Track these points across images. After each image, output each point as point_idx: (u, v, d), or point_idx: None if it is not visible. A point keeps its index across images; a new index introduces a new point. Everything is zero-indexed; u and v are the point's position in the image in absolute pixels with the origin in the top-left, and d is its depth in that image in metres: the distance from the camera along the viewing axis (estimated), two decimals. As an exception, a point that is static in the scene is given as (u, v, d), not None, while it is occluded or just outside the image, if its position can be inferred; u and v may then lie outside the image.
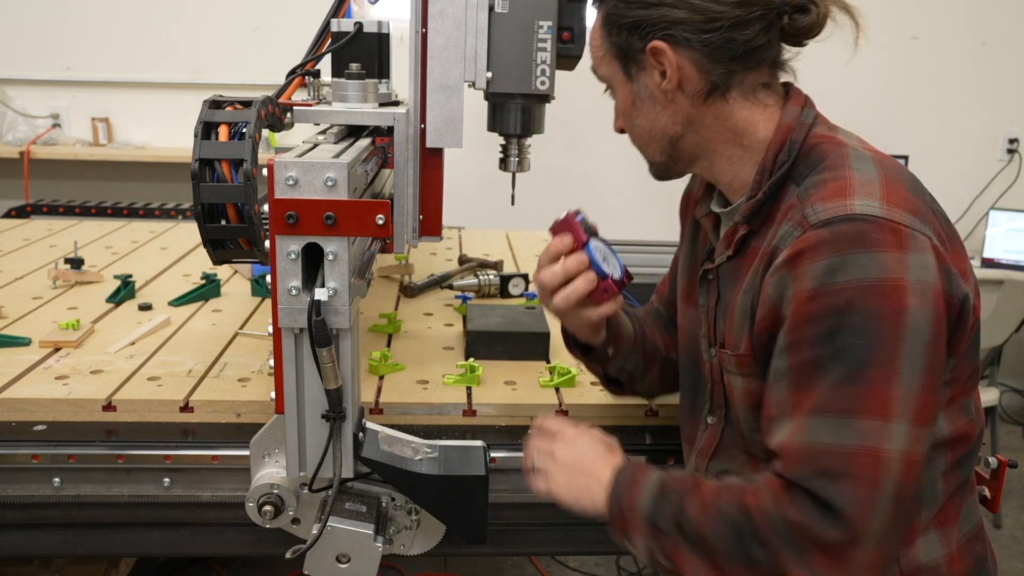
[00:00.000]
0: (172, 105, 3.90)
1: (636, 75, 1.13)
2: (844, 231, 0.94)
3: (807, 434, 0.95)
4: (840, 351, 0.93)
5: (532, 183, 1.75)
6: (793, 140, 1.08)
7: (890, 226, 0.94)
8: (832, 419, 0.93)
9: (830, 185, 1.00)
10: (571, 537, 1.42)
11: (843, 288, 0.93)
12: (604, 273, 1.21)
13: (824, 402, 0.94)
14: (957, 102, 4.15)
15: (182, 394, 1.42)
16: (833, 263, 0.93)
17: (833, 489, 0.92)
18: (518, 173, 1.57)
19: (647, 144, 1.18)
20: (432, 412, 1.44)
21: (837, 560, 0.93)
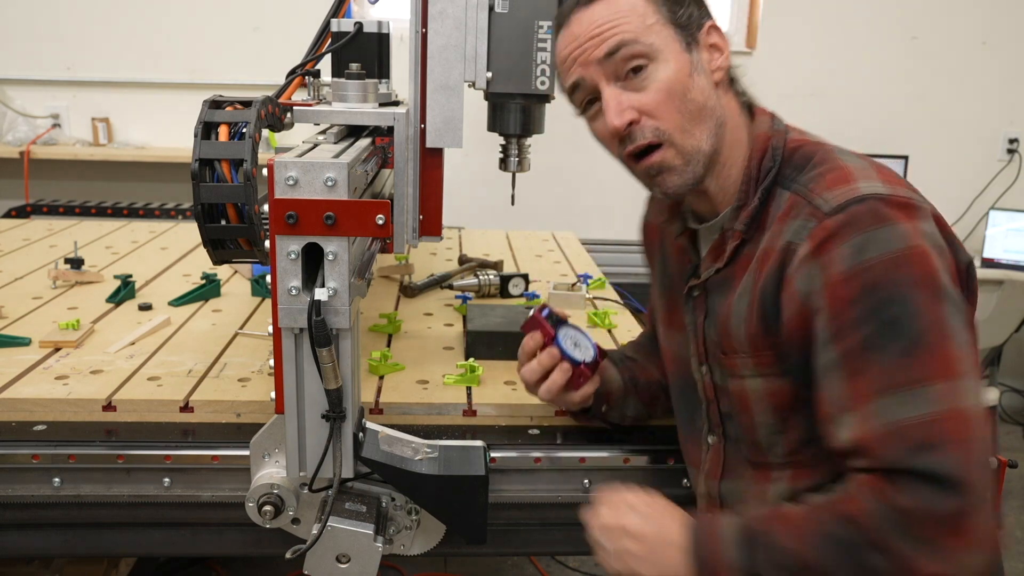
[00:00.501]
0: (172, 105, 3.90)
1: (693, 48, 1.09)
2: (860, 211, 0.97)
3: (883, 416, 0.93)
4: (888, 325, 0.94)
5: (532, 183, 1.75)
6: (775, 146, 1.11)
7: (897, 200, 0.98)
8: (904, 393, 0.92)
9: (829, 176, 1.03)
10: (571, 537, 1.41)
11: (875, 263, 0.94)
12: (576, 361, 1.27)
13: (889, 380, 0.93)
14: (957, 102, 4.15)
15: (182, 394, 1.42)
16: (859, 242, 0.96)
17: (933, 460, 0.89)
18: (518, 173, 1.57)
19: (698, 123, 1.08)
20: (432, 412, 1.44)
21: (962, 533, 0.89)
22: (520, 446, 1.37)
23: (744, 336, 1.09)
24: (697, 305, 1.19)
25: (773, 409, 1.10)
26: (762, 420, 1.12)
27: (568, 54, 1.11)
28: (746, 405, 1.13)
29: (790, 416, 1.09)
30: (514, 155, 1.55)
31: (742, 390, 1.13)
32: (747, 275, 1.09)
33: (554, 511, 1.38)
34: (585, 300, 2.03)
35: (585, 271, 2.34)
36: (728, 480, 1.19)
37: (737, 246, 1.11)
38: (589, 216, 3.88)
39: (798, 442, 1.09)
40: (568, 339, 1.28)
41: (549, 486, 1.36)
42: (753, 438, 1.14)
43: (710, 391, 1.19)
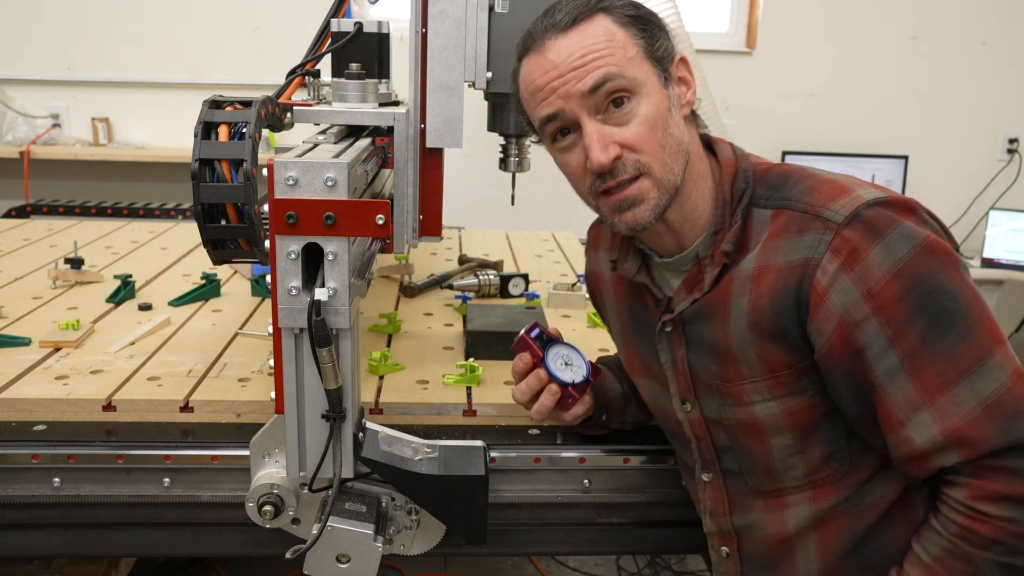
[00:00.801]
0: (172, 105, 3.90)
1: (667, 84, 1.08)
2: (873, 217, 0.99)
3: (965, 402, 0.96)
4: (937, 316, 0.97)
5: (532, 183, 1.75)
6: (743, 168, 1.11)
7: (895, 201, 1.01)
8: (975, 373, 0.95)
9: (823, 188, 1.04)
10: (571, 537, 1.42)
11: (909, 259, 0.97)
12: (564, 383, 1.27)
13: (957, 366, 0.96)
14: (957, 102, 4.15)
15: (182, 394, 1.42)
16: (886, 245, 0.98)
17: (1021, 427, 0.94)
18: (518, 173, 1.57)
19: (675, 158, 1.07)
20: (432, 412, 1.44)
21: None
22: (520, 446, 1.37)
23: (756, 359, 1.07)
24: (673, 340, 1.16)
25: (792, 430, 1.09)
26: (778, 443, 1.10)
27: (546, 83, 1.06)
28: (757, 432, 1.11)
29: (808, 435, 1.09)
30: (514, 155, 1.55)
31: (751, 417, 1.10)
32: (737, 298, 1.07)
33: (554, 511, 1.38)
34: (585, 300, 2.03)
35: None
36: (739, 515, 1.18)
37: (719, 271, 1.09)
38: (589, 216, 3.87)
39: (818, 460, 1.09)
40: (559, 359, 1.28)
41: (549, 486, 1.36)
42: (766, 465, 1.12)
43: (699, 427, 1.17)
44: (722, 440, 1.16)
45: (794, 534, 1.12)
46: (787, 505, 1.12)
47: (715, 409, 1.14)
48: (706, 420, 1.16)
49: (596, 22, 1.05)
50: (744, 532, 1.18)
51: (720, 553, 1.22)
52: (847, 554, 1.10)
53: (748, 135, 3.90)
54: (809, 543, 1.12)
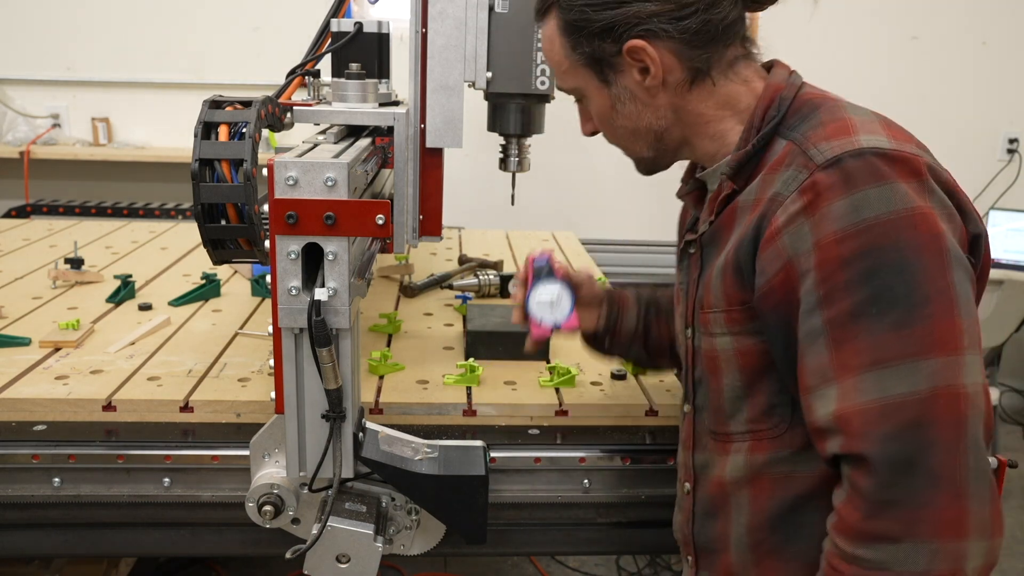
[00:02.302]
0: (172, 105, 3.90)
1: (613, 79, 1.08)
2: (856, 167, 0.90)
3: (871, 391, 0.87)
4: (883, 293, 0.87)
5: (532, 183, 1.75)
6: (783, 96, 1.06)
7: (899, 155, 0.92)
8: (897, 367, 0.86)
9: (830, 126, 0.98)
10: (571, 537, 1.42)
11: (874, 224, 0.88)
12: (537, 320, 1.30)
13: (882, 351, 0.87)
14: (957, 102, 4.15)
15: (182, 394, 1.42)
16: (855, 200, 0.89)
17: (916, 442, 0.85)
18: (518, 173, 1.57)
19: (632, 143, 1.14)
20: (432, 412, 1.44)
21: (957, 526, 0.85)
22: (520, 446, 1.37)
23: (720, 290, 1.05)
24: (692, 263, 1.14)
25: (740, 371, 1.06)
26: (728, 383, 1.08)
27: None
28: (715, 366, 1.09)
29: (756, 380, 1.05)
30: (514, 155, 1.55)
31: (712, 350, 1.09)
32: (737, 227, 1.04)
33: (554, 511, 1.38)
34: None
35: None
36: (698, 452, 1.17)
37: (728, 196, 1.06)
38: (589, 216, 3.88)
39: (760, 410, 1.06)
40: (545, 295, 1.30)
41: (549, 486, 1.36)
42: (718, 404, 1.11)
43: (689, 356, 1.16)
44: (698, 371, 1.15)
45: (730, 483, 1.10)
46: (730, 452, 1.10)
47: (697, 337, 1.13)
48: (694, 349, 1.15)
49: (548, 23, 1.11)
50: (700, 471, 1.17)
51: (683, 488, 1.21)
52: (775, 519, 1.07)
53: (748, 135, 3.90)
54: (742, 497, 1.10)
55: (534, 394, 1.50)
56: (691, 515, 1.18)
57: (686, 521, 1.20)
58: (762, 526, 1.08)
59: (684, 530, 1.21)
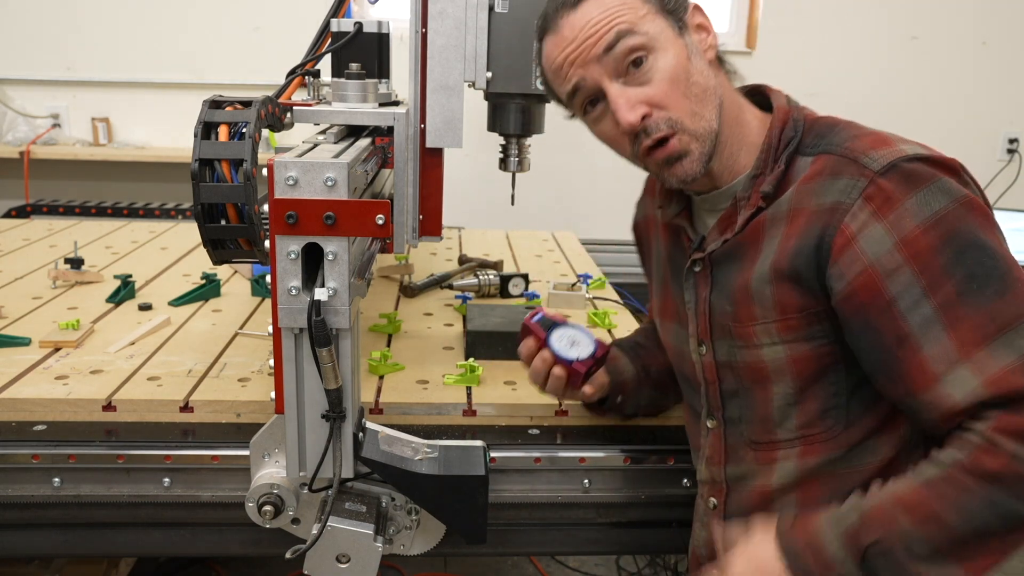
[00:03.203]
0: (172, 105, 3.90)
1: (684, 32, 1.09)
2: (913, 169, 0.99)
3: (1004, 356, 0.92)
4: (976, 270, 0.95)
5: (532, 183, 1.75)
6: (795, 119, 1.12)
7: (938, 159, 1.01)
8: (1014, 330, 0.93)
9: (867, 138, 1.05)
10: (571, 537, 1.42)
11: (947, 213, 0.97)
12: (568, 360, 1.29)
13: (995, 321, 0.94)
14: (957, 102, 4.15)
15: (182, 394, 1.42)
16: (923, 196, 0.98)
17: None
18: (518, 173, 1.57)
19: (704, 105, 1.08)
20: (432, 412, 1.44)
21: None
22: (520, 446, 1.37)
23: (770, 300, 1.07)
24: (700, 280, 1.17)
25: (794, 378, 1.09)
26: (779, 390, 1.10)
27: (564, 59, 1.09)
28: (761, 376, 1.11)
29: (809, 386, 1.08)
30: (514, 155, 1.55)
31: (758, 361, 1.11)
32: (769, 239, 1.07)
33: (554, 511, 1.38)
34: (585, 300, 2.03)
35: (585, 271, 2.34)
36: (732, 465, 1.18)
37: (754, 214, 1.10)
38: (589, 216, 3.88)
39: (814, 414, 1.09)
40: (564, 339, 1.30)
41: (549, 486, 1.36)
42: (765, 413, 1.12)
43: (711, 371, 1.18)
44: (730, 385, 1.16)
45: (776, 489, 1.12)
46: (776, 459, 1.12)
47: (726, 352, 1.15)
48: (717, 364, 1.17)
49: None
50: (734, 484, 1.18)
51: (708, 504, 1.22)
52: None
53: (748, 135, 3.90)
54: (789, 500, 1.11)
55: (534, 394, 1.49)
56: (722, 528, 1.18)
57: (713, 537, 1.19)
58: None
59: (710, 547, 1.19)
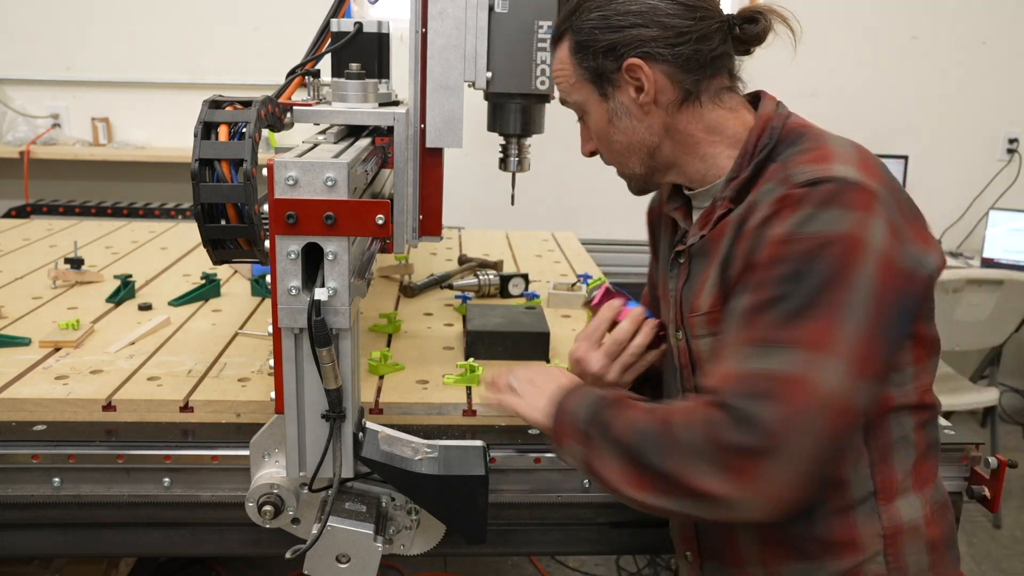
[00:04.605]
0: (172, 105, 3.90)
1: (611, 94, 1.20)
2: (824, 190, 1.01)
3: (744, 362, 0.99)
4: (795, 292, 0.98)
5: (532, 183, 1.75)
6: (774, 126, 1.17)
7: (864, 190, 1.02)
8: (770, 348, 0.98)
9: (812, 152, 1.09)
10: (571, 537, 1.42)
11: (806, 238, 0.99)
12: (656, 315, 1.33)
13: (766, 334, 0.99)
14: (957, 102, 4.15)
15: (182, 394, 1.42)
16: (808, 214, 1.01)
17: (756, 407, 0.95)
18: (518, 173, 1.57)
19: (626, 158, 1.24)
20: (432, 412, 1.44)
21: (749, 474, 0.94)
22: (520, 446, 1.37)
23: (711, 295, 1.15)
24: (680, 271, 1.24)
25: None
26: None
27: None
28: (701, 366, 1.19)
29: None
30: (514, 155, 1.55)
31: (698, 351, 1.19)
32: (727, 239, 1.13)
33: (554, 511, 1.38)
34: (585, 300, 2.03)
35: (585, 271, 2.34)
36: None
37: (723, 214, 1.16)
38: (589, 216, 3.88)
39: None
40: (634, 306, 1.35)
41: (549, 486, 1.36)
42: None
43: (684, 356, 1.23)
44: (694, 372, 1.22)
45: None
46: None
47: (688, 340, 1.22)
48: (689, 350, 1.22)
49: (562, 46, 1.24)
50: None
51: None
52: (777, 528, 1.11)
53: (748, 135, 3.90)
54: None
55: (534, 394, 1.49)
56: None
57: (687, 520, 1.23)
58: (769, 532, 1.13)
59: (685, 530, 1.25)
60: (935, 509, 1.13)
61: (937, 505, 1.14)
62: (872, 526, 1.09)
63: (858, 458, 1.09)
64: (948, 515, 1.16)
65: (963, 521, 1.45)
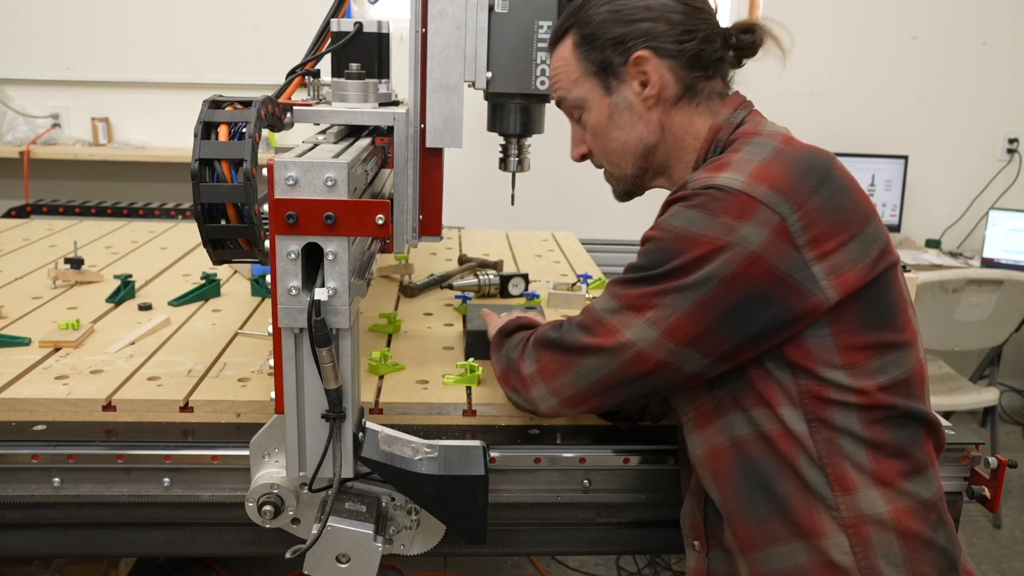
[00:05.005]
0: (172, 105, 3.90)
1: (615, 88, 1.24)
2: (701, 195, 1.09)
3: (596, 300, 1.20)
4: (643, 265, 1.13)
5: (532, 183, 1.76)
6: (719, 139, 1.22)
7: (742, 197, 1.07)
8: (609, 298, 1.17)
9: (716, 163, 1.15)
10: (571, 537, 1.42)
11: (670, 229, 1.11)
12: None
13: (613, 287, 1.17)
14: (957, 102, 4.15)
15: (182, 394, 1.42)
16: (677, 212, 1.11)
17: (578, 332, 1.19)
18: (518, 173, 1.58)
19: (621, 157, 1.28)
20: (432, 412, 1.44)
21: (547, 370, 1.23)
22: (520, 446, 1.37)
23: None
24: None
25: None
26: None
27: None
28: None
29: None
30: (514, 155, 1.55)
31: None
32: None
33: (554, 511, 1.38)
34: (585, 300, 2.03)
35: (585, 271, 2.35)
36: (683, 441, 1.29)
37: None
38: (589, 216, 3.88)
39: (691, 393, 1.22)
40: None
41: (549, 486, 1.36)
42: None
43: None
44: None
45: (695, 461, 1.24)
46: (685, 432, 1.25)
47: None
48: None
49: (564, 43, 1.27)
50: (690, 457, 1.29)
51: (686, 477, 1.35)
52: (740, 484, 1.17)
53: (748, 135, 3.90)
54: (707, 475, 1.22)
55: (534, 394, 1.49)
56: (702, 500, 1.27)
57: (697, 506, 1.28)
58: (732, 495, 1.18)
59: (694, 520, 1.28)
60: (915, 507, 1.13)
61: (918, 505, 1.13)
62: (831, 513, 1.11)
63: (802, 443, 1.12)
64: (931, 515, 1.14)
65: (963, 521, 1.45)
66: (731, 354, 1.12)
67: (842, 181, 1.12)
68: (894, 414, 1.13)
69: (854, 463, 1.12)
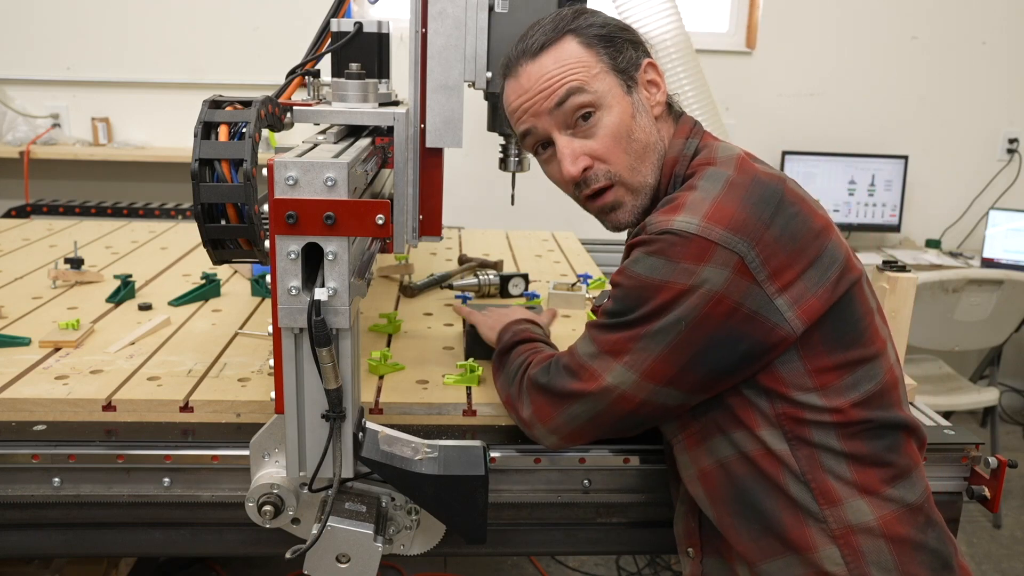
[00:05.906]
0: (172, 105, 3.90)
1: (634, 88, 1.22)
2: (659, 241, 1.10)
3: (577, 343, 1.22)
4: (617, 311, 1.15)
5: (532, 183, 1.75)
6: (676, 174, 1.22)
7: (698, 241, 1.08)
8: (589, 342, 1.19)
9: (672, 203, 1.14)
10: (571, 537, 1.42)
11: (635, 276, 1.12)
12: None
13: (593, 332, 1.19)
14: (957, 102, 4.15)
15: (182, 394, 1.42)
16: (639, 258, 1.12)
17: (564, 376, 1.21)
18: (518, 173, 1.58)
19: (642, 162, 1.22)
20: (432, 412, 1.44)
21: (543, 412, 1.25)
22: (520, 446, 1.37)
23: None
24: None
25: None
26: None
27: (519, 106, 1.23)
28: None
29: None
30: (514, 155, 1.55)
31: None
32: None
33: (554, 511, 1.38)
34: (585, 300, 2.03)
35: (585, 271, 2.35)
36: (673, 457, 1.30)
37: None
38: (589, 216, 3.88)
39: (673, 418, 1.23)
40: None
41: (549, 486, 1.36)
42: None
43: None
44: None
45: (687, 479, 1.25)
46: (675, 453, 1.26)
47: None
48: None
49: (563, 45, 1.20)
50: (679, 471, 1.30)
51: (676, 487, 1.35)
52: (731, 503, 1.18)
53: (748, 135, 3.90)
54: (698, 492, 1.23)
55: (534, 394, 1.49)
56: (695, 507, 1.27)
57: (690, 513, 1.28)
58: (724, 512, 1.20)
59: (689, 528, 1.28)
60: (901, 511, 1.14)
61: (905, 508, 1.14)
62: (820, 526, 1.12)
63: (784, 461, 1.13)
64: (919, 517, 1.15)
65: (963, 521, 1.45)
66: (708, 387, 1.15)
67: (795, 206, 1.12)
68: (871, 426, 1.15)
69: (837, 476, 1.13)
